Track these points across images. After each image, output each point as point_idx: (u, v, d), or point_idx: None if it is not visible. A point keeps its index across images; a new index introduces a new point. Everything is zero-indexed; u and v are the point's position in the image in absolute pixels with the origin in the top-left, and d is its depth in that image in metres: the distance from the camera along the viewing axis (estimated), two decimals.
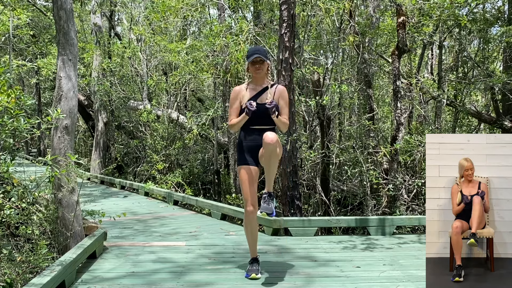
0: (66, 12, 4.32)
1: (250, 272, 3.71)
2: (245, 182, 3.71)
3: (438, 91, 8.91)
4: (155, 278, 3.73)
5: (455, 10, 7.43)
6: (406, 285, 3.51)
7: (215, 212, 6.69)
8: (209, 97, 14.60)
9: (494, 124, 9.43)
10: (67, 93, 4.22)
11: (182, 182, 10.36)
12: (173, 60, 10.66)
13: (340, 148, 8.04)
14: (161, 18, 10.80)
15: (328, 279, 3.68)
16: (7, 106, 3.59)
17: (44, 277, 3.11)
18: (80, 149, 20.74)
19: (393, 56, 7.01)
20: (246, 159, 3.75)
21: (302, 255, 4.45)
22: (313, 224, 5.40)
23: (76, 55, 4.39)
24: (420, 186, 6.77)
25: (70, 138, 4.22)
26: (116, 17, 16.55)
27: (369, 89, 8.10)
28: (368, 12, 8.80)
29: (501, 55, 10.27)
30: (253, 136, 3.74)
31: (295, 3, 6.30)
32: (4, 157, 3.76)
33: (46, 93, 23.21)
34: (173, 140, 11.48)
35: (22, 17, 13.01)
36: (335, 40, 8.50)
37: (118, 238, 5.30)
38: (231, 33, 8.25)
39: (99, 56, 14.00)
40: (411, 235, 5.53)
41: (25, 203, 3.93)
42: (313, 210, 8.32)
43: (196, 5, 9.73)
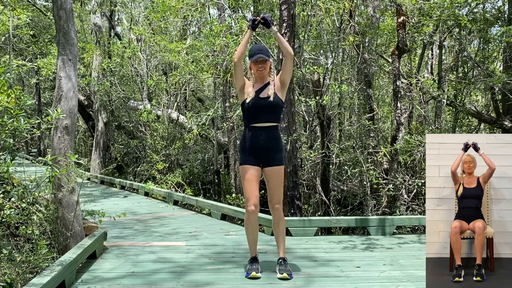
0: (66, 12, 4.32)
1: (250, 271, 3.71)
2: (247, 181, 3.72)
3: (438, 91, 8.91)
4: (155, 278, 3.73)
5: (455, 10, 7.42)
6: (406, 285, 3.51)
7: (215, 212, 6.69)
8: (209, 97, 14.61)
9: (494, 124, 9.44)
10: (67, 93, 4.22)
11: (182, 182, 10.36)
12: (173, 60, 10.66)
13: (340, 148, 8.04)
14: (161, 18, 10.80)
15: (328, 279, 3.68)
16: (7, 106, 3.59)
17: (44, 277, 3.11)
18: (80, 149, 20.74)
19: (393, 56, 7.01)
20: (248, 158, 3.76)
21: (302, 255, 4.45)
22: (313, 224, 5.40)
23: (76, 55, 4.39)
24: (420, 186, 6.77)
25: (70, 138, 4.22)
26: (116, 17, 16.54)
27: (369, 89, 8.10)
28: (368, 12, 8.80)
29: (501, 55, 10.27)
30: (254, 135, 3.75)
31: (295, 3, 6.30)
32: (4, 157, 3.76)
33: (46, 93, 23.21)
34: (173, 140, 11.48)
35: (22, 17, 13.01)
36: (335, 40, 8.50)
37: (118, 238, 5.30)
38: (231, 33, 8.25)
39: (99, 56, 14.00)
40: (411, 235, 5.53)
41: (25, 203, 3.93)
42: (313, 210, 8.32)
43: (196, 5, 9.72)
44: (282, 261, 3.80)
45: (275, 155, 3.78)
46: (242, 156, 3.80)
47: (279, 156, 3.80)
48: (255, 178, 3.73)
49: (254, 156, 3.75)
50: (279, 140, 3.82)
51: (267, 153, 3.76)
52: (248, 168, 3.74)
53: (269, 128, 3.76)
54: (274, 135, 3.78)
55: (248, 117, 3.78)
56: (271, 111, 3.73)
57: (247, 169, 3.74)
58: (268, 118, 3.74)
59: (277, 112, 3.78)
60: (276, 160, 3.78)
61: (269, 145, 3.75)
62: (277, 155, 3.79)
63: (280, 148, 3.83)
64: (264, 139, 3.74)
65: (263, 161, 3.78)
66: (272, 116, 3.74)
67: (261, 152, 3.75)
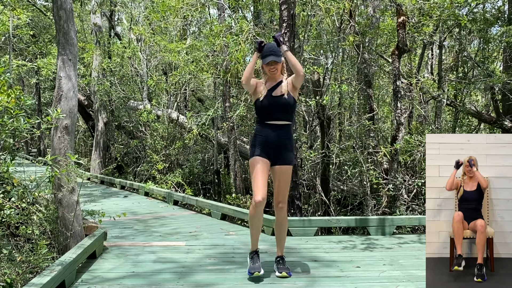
0: (66, 12, 4.32)
1: (253, 270, 3.70)
2: (256, 172, 3.71)
3: (438, 91, 8.91)
4: (155, 278, 3.73)
5: (455, 10, 7.42)
6: (406, 285, 3.51)
7: (215, 212, 6.69)
8: (209, 97, 14.60)
9: (494, 124, 9.44)
10: (67, 93, 4.22)
11: (182, 182, 10.36)
12: (173, 60, 10.65)
13: (340, 148, 8.03)
14: (161, 18, 10.80)
15: (328, 279, 3.68)
16: (7, 106, 3.60)
17: (44, 277, 3.11)
18: (80, 149, 20.74)
19: (393, 56, 7.01)
20: (258, 152, 3.76)
21: (302, 255, 4.45)
22: (313, 224, 5.40)
23: (76, 55, 4.39)
24: (420, 186, 6.77)
25: (70, 138, 4.22)
26: (116, 17, 16.55)
27: (369, 89, 8.10)
28: (368, 12, 8.80)
29: (501, 55, 10.27)
30: (267, 131, 3.76)
31: (295, 3, 6.30)
32: (4, 157, 3.76)
33: (46, 93, 23.22)
34: (173, 140, 11.48)
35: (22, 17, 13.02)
36: (335, 40, 8.50)
37: (118, 238, 5.30)
38: (231, 33, 8.24)
39: (99, 56, 14.00)
40: (411, 235, 5.53)
41: (25, 203, 3.93)
42: (313, 210, 8.31)
43: (196, 5, 9.71)
44: (280, 260, 3.82)
45: (285, 154, 3.78)
46: (253, 150, 3.80)
47: (290, 155, 3.81)
48: (264, 171, 3.71)
49: (265, 152, 3.75)
50: (291, 139, 3.83)
51: (278, 151, 3.76)
52: (258, 161, 3.73)
53: (282, 126, 3.76)
54: (286, 134, 3.79)
55: (262, 115, 3.79)
56: (284, 110, 3.74)
57: (257, 161, 3.73)
58: (281, 117, 3.75)
59: (290, 111, 3.79)
60: (286, 159, 3.78)
61: (281, 143, 3.76)
62: (288, 154, 3.79)
63: (291, 147, 3.83)
64: (276, 136, 3.74)
65: (273, 159, 3.77)
66: (284, 115, 3.76)
67: (272, 149, 3.75)
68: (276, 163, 3.78)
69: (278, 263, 3.81)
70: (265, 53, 3.75)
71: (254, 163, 3.75)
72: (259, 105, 3.77)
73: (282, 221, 3.84)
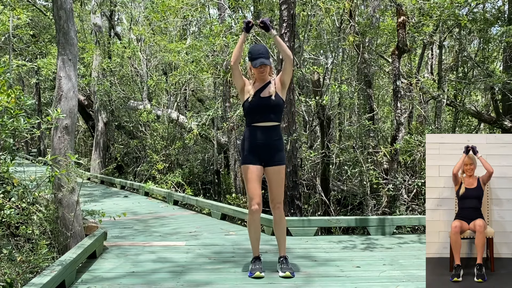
0: (66, 12, 4.32)
1: (254, 270, 3.71)
2: (250, 181, 3.73)
3: (438, 91, 8.91)
4: (155, 278, 3.73)
5: (455, 10, 7.42)
6: (406, 285, 3.51)
7: (215, 212, 6.69)
8: (209, 97, 14.59)
9: (494, 124, 9.44)
10: (67, 93, 4.22)
11: (182, 182, 10.36)
12: (173, 60, 10.65)
13: (340, 148, 8.03)
14: (161, 18, 10.80)
15: (328, 279, 3.68)
16: (7, 106, 3.59)
17: (44, 277, 3.11)
18: (80, 149, 20.74)
19: (393, 56, 7.01)
20: (250, 158, 3.77)
21: (302, 255, 4.45)
22: (313, 224, 5.40)
23: (76, 55, 4.39)
24: (420, 186, 6.77)
25: (70, 138, 4.22)
26: (116, 17, 16.54)
27: (369, 89, 8.10)
28: (368, 12, 8.80)
29: (501, 55, 10.27)
30: (256, 134, 3.76)
31: (295, 3, 6.30)
32: (4, 157, 3.76)
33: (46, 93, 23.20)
34: (173, 140, 11.48)
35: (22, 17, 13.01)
36: (335, 40, 8.50)
37: (118, 238, 5.30)
38: (231, 33, 8.24)
39: (99, 56, 14.00)
40: (411, 235, 5.53)
41: (25, 203, 3.93)
42: (313, 210, 8.32)
43: (196, 5, 9.72)
44: (283, 260, 3.81)
45: (276, 154, 3.78)
46: (244, 156, 3.81)
47: (281, 155, 3.81)
48: (257, 177, 3.74)
49: (256, 155, 3.76)
50: (280, 140, 3.83)
51: (268, 152, 3.77)
52: (250, 168, 3.75)
53: (270, 127, 3.76)
54: (275, 135, 3.79)
55: (250, 117, 3.79)
56: (272, 111, 3.74)
57: (249, 168, 3.75)
58: (269, 118, 3.75)
59: (278, 111, 3.79)
60: (278, 159, 3.79)
61: (270, 144, 3.76)
62: (279, 154, 3.80)
63: (282, 147, 3.83)
64: (265, 138, 3.75)
65: (265, 161, 3.79)
66: (273, 116, 3.76)
67: (263, 152, 3.76)
68: (268, 164, 3.79)
69: (281, 263, 3.81)
70: (254, 56, 3.75)
71: (246, 170, 3.76)
72: (248, 106, 3.77)
73: (280, 220, 3.85)
